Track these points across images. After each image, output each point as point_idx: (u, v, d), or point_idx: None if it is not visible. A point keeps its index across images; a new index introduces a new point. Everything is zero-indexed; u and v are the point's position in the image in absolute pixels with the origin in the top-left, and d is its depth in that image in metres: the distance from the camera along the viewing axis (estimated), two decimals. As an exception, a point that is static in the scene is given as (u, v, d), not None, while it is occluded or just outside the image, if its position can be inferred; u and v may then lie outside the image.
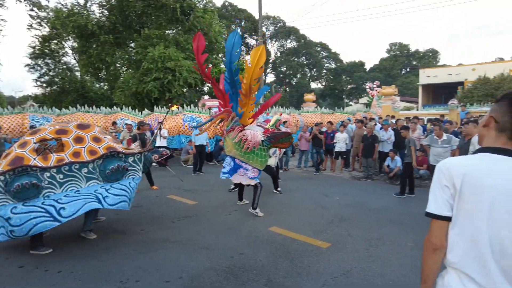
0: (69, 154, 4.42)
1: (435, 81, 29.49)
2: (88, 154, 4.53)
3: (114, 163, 4.67)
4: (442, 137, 6.71)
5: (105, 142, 4.76)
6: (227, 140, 6.03)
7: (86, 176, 4.53)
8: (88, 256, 4.25)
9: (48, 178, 4.27)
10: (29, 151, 4.25)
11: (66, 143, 4.48)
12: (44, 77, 26.93)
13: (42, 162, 4.23)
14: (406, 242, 4.63)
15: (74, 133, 4.61)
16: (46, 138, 4.42)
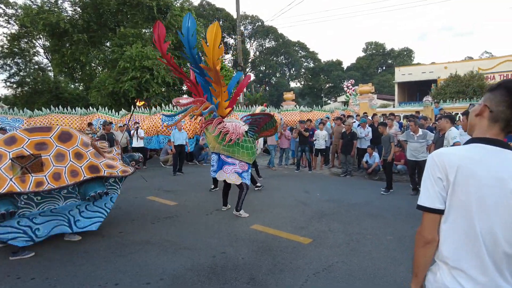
0: (49, 175, 4.12)
1: (410, 79, 30.28)
2: (69, 176, 4.26)
3: (95, 189, 4.48)
4: (418, 133, 6.89)
5: (87, 160, 4.50)
6: (207, 135, 5.67)
7: (65, 196, 4.45)
8: (64, 261, 4.09)
9: (25, 199, 4.13)
10: (4, 168, 3.89)
11: (46, 161, 4.16)
12: (14, 77, 25.88)
13: (19, 185, 3.91)
14: (385, 236, 4.72)
15: (55, 148, 4.29)
16: (24, 155, 4.03)
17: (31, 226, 4.24)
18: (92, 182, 4.51)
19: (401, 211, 5.91)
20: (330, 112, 15.70)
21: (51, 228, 4.40)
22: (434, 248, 1.36)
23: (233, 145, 5.60)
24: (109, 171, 4.67)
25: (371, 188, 7.97)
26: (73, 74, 20.80)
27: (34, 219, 4.27)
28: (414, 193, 7.18)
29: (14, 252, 4.22)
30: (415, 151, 6.92)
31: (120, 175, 4.82)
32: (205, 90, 5.67)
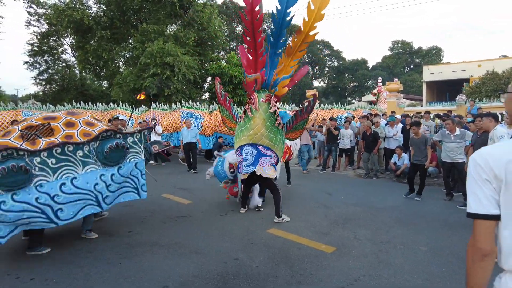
0: (60, 137, 3.92)
1: (439, 78, 28.94)
2: (82, 136, 4.04)
3: (112, 142, 4.14)
4: (455, 132, 6.24)
5: (99, 126, 4.34)
6: (256, 116, 4.90)
7: (82, 160, 3.98)
8: (66, 261, 3.83)
9: (39, 164, 3.70)
10: (13, 138, 3.74)
11: (55, 128, 4.00)
12: (43, 75, 26.59)
13: (30, 147, 3.71)
14: (419, 246, 4.18)
15: (64, 118, 4.18)
16: (32, 125, 3.93)
17: (52, 206, 3.71)
18: (107, 139, 4.18)
19: (435, 218, 5.32)
20: (352, 110, 15.02)
21: (78, 209, 3.90)
22: (493, 260, 1.18)
23: (278, 133, 5.10)
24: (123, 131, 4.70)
25: (400, 191, 7.34)
26: (96, 71, 21.08)
27: (56, 197, 3.73)
28: (448, 199, 6.54)
29: (30, 247, 4.01)
30: (452, 152, 6.26)
31: (134, 131, 4.55)
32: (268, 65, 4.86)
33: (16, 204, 3.54)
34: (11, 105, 12.64)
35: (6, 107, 12.31)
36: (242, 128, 5.10)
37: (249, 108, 4.96)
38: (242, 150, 5.07)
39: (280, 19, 4.34)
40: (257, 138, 4.98)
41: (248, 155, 5.01)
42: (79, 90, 25.25)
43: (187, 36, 17.27)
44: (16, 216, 3.56)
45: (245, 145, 5.04)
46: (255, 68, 4.82)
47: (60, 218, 3.80)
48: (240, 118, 5.24)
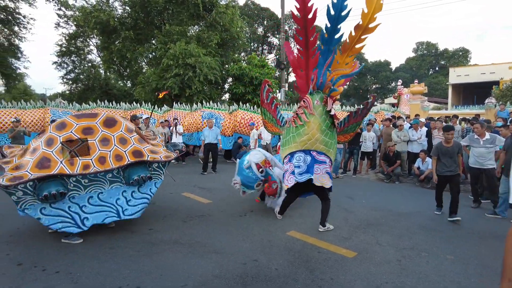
0: (94, 159, 4.33)
1: (466, 81, 27.95)
2: (114, 160, 4.43)
3: (139, 173, 4.60)
4: (485, 136, 5.97)
5: (131, 145, 4.67)
6: (311, 120, 4.49)
7: (110, 180, 4.54)
8: (89, 256, 3.92)
9: (74, 182, 4.30)
10: (55, 152, 4.16)
11: (92, 145, 4.37)
12: (70, 75, 27.52)
13: (68, 167, 4.16)
14: (445, 254, 4.03)
15: (101, 133, 4.48)
16: (72, 139, 4.29)
17: (80, 214, 4.32)
18: (136, 166, 4.61)
19: (461, 226, 5.12)
20: (374, 112, 14.72)
21: (101, 219, 4.46)
22: None
23: (333, 136, 4.72)
24: (152, 156, 4.76)
25: (424, 197, 7.14)
26: (120, 71, 21.61)
27: (83, 207, 4.36)
28: (475, 206, 6.28)
29: (66, 236, 4.35)
30: (481, 157, 6.00)
31: (163, 160, 4.85)
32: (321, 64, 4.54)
33: (53, 210, 4.21)
34: (40, 103, 13.11)
35: (36, 105, 12.79)
36: (293, 134, 4.68)
37: (303, 112, 4.52)
38: (292, 157, 4.67)
39: (336, 13, 4.02)
40: (311, 143, 4.59)
41: (301, 162, 4.60)
42: (103, 89, 26.01)
43: (210, 38, 17.43)
44: (52, 220, 4.20)
45: (297, 152, 4.65)
46: (306, 68, 4.60)
47: (85, 225, 4.37)
48: (288, 123, 4.83)
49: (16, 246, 4.23)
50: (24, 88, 37.67)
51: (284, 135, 4.94)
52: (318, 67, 4.57)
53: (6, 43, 21.35)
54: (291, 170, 4.66)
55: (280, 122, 5.18)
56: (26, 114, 12.19)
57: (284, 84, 19.20)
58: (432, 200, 6.77)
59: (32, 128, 11.88)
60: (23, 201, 4.04)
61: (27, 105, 12.67)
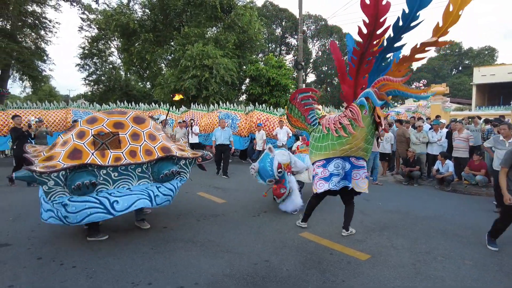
0: (125, 152, 4.35)
1: (492, 80, 26.95)
2: (144, 155, 4.46)
3: (168, 168, 4.61)
4: (510, 139, 5.71)
5: (160, 141, 4.71)
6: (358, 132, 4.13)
7: (138, 175, 4.53)
8: (105, 252, 4.03)
9: (104, 175, 4.27)
10: (87, 143, 4.18)
11: (123, 139, 4.40)
12: (92, 76, 28.34)
13: (100, 159, 4.16)
14: (463, 259, 3.90)
15: (131, 128, 4.53)
16: (103, 131, 4.33)
17: (109, 198, 4.15)
18: (164, 162, 4.63)
19: (482, 231, 4.90)
20: (396, 114, 14.43)
21: (132, 202, 4.23)
22: None
23: (373, 141, 4.50)
24: (180, 153, 4.81)
25: (443, 200, 6.94)
26: (140, 72, 22.04)
27: (112, 194, 4.23)
28: (498, 211, 6.02)
29: (90, 235, 4.43)
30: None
31: (191, 156, 4.92)
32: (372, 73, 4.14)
33: (80, 197, 4.08)
34: (63, 104, 13.56)
35: (58, 105, 13.23)
36: (332, 141, 4.28)
37: (349, 123, 4.07)
38: (329, 163, 4.36)
39: (405, 23, 3.63)
40: (352, 151, 4.31)
41: (340, 169, 4.35)
42: (123, 90, 26.64)
43: (227, 39, 17.55)
44: (80, 207, 4.01)
45: (334, 159, 4.35)
46: (356, 76, 4.17)
47: (115, 209, 4.15)
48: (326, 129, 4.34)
49: (37, 241, 4.39)
50: (49, 90, 39.11)
51: (318, 139, 4.45)
52: (369, 74, 4.15)
53: (33, 47, 22.16)
54: (324, 175, 4.37)
55: (310, 121, 4.73)
56: (49, 115, 12.62)
57: (301, 84, 19.10)
58: (453, 204, 6.57)
59: (55, 128, 12.29)
60: (53, 191, 3.99)
61: (50, 105, 13.13)
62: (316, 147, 4.49)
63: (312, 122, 4.73)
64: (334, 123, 4.23)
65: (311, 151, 4.62)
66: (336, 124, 4.20)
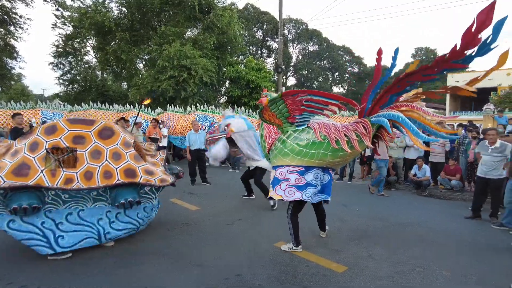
0: (80, 173, 3.81)
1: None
2: (101, 178, 3.90)
3: (127, 196, 4.09)
4: (494, 144, 5.64)
5: (125, 161, 4.12)
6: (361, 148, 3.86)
7: (94, 198, 4.09)
8: (63, 267, 3.67)
9: (52, 195, 3.84)
10: (38, 158, 3.67)
11: (80, 157, 3.88)
12: (66, 75, 27.27)
13: (49, 179, 3.65)
14: (441, 269, 3.79)
15: (93, 144, 4.00)
16: (59, 147, 3.81)
17: (55, 232, 3.82)
18: (125, 187, 4.10)
19: (461, 238, 4.87)
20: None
21: (79, 240, 3.96)
22: None
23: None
24: (146, 178, 4.21)
25: (421, 205, 6.92)
26: (116, 72, 21.36)
27: (60, 225, 3.86)
28: (470, 216, 5.97)
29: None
30: (486, 165, 5.69)
31: (157, 184, 4.29)
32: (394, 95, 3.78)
33: (23, 225, 3.71)
34: (31, 104, 12.84)
35: (26, 106, 12.52)
36: (325, 151, 3.88)
37: (356, 139, 3.72)
38: (308, 172, 4.03)
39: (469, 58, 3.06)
40: (336, 164, 4.16)
41: (318, 180, 4.07)
42: (99, 91, 25.74)
43: (206, 40, 17.25)
44: (20, 237, 3.71)
45: (315, 168, 4.04)
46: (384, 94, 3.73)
47: (59, 245, 3.85)
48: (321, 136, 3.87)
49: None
50: (21, 89, 37.38)
51: (305, 144, 3.94)
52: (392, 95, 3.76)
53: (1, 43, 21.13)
54: (298, 183, 4.02)
55: (295, 120, 4.03)
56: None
57: (281, 87, 19.03)
58: (431, 209, 6.54)
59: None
60: None
61: (17, 105, 12.41)
62: (297, 151, 3.95)
63: (297, 123, 4.09)
64: (338, 133, 3.79)
65: (283, 151, 4.04)
66: (340, 135, 3.77)
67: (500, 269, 3.84)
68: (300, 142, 3.96)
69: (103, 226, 4.13)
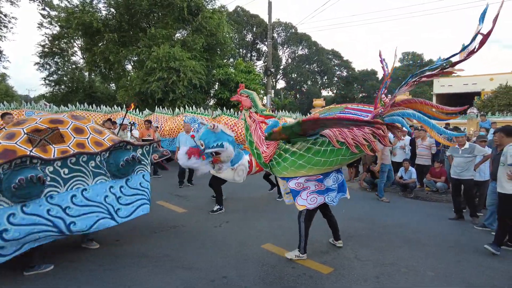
0: (72, 145, 3.68)
1: (450, 91, 28.46)
2: (93, 145, 3.83)
3: (126, 155, 3.95)
4: (464, 146, 5.91)
5: (107, 134, 4.17)
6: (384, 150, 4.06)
7: (93, 171, 3.80)
8: (46, 272, 3.58)
9: (51, 174, 3.45)
10: (20, 142, 3.41)
11: (65, 134, 3.73)
12: (53, 76, 26.81)
13: (42, 154, 3.40)
14: (425, 270, 3.84)
15: (71, 123, 3.90)
16: (39, 128, 3.61)
17: (65, 219, 3.50)
18: (119, 151, 3.98)
19: (445, 239, 4.95)
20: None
21: (92, 223, 3.71)
22: None
23: None
24: (132, 142, 4.33)
25: (407, 207, 7.01)
26: (103, 73, 21.09)
27: (67, 209, 3.53)
28: (455, 218, 6.09)
29: (31, 267, 3.58)
30: (458, 167, 5.93)
31: (145, 143, 4.42)
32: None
33: (27, 217, 3.27)
34: (15, 104, 12.56)
35: (9, 106, 12.24)
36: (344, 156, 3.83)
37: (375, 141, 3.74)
38: (326, 177, 4.00)
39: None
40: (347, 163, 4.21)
41: (336, 183, 4.11)
42: (87, 92, 25.40)
43: (195, 41, 17.19)
44: (26, 231, 3.26)
45: (333, 172, 4.06)
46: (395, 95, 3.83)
47: (72, 231, 3.59)
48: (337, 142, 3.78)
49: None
50: (6, 89, 36.54)
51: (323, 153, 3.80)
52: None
53: (-16, 42, 20.64)
54: (318, 189, 3.96)
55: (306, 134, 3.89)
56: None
57: (270, 90, 19.09)
58: (417, 211, 6.63)
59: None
60: None
61: (0, 106, 12.11)
62: (314, 161, 3.81)
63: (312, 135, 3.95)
64: (356, 138, 3.71)
65: (297, 164, 3.85)
66: (359, 140, 3.70)
67: (481, 269, 3.92)
68: (317, 153, 3.80)
69: (111, 203, 3.92)
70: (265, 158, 4.07)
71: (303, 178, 3.93)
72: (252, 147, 4.27)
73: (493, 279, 3.65)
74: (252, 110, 4.41)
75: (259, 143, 4.16)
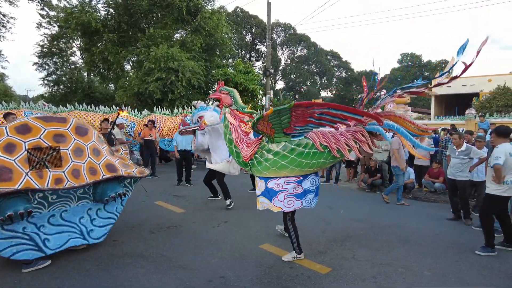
0: (67, 171, 3.64)
1: (448, 92, 28.46)
2: (88, 174, 3.82)
3: (114, 190, 4.10)
4: (461, 147, 5.91)
5: (104, 157, 4.10)
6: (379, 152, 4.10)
7: (79, 196, 3.99)
8: (40, 271, 3.58)
9: (39, 198, 3.61)
10: (19, 160, 3.35)
11: (64, 156, 3.68)
12: (52, 76, 26.74)
13: (37, 181, 3.39)
14: (422, 270, 3.85)
15: (74, 141, 3.82)
16: (41, 146, 3.54)
17: (40, 235, 3.65)
18: (109, 181, 4.09)
19: (442, 239, 4.96)
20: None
21: (65, 241, 3.86)
22: None
23: None
24: (126, 171, 4.29)
25: (405, 207, 7.02)
26: (102, 73, 21.07)
27: (41, 227, 3.67)
28: (453, 218, 6.10)
29: (28, 263, 3.62)
30: (454, 168, 5.95)
31: (138, 175, 4.44)
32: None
33: (5, 232, 3.44)
34: (13, 104, 12.53)
35: (8, 106, 12.21)
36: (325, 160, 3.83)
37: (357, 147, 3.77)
38: (305, 179, 3.96)
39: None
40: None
41: (314, 185, 4.05)
42: (86, 92, 25.32)
43: (194, 42, 17.20)
44: (2, 245, 3.44)
45: (311, 175, 4.01)
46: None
47: (47, 247, 3.73)
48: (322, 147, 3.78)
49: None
50: (4, 89, 36.47)
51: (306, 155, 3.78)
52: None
53: (-17, 42, 20.59)
54: (296, 192, 3.92)
55: (293, 131, 3.76)
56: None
57: (269, 91, 19.09)
58: (415, 211, 6.63)
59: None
60: None
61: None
62: (297, 163, 3.77)
63: (297, 134, 3.86)
64: (339, 143, 3.72)
65: (279, 164, 3.79)
66: (340, 145, 3.71)
67: (478, 269, 3.92)
68: (300, 154, 3.77)
69: (85, 225, 4.06)
70: (245, 157, 3.99)
71: (283, 179, 3.89)
72: (231, 145, 4.16)
73: (491, 279, 3.66)
74: (233, 107, 4.34)
75: (239, 141, 4.07)
